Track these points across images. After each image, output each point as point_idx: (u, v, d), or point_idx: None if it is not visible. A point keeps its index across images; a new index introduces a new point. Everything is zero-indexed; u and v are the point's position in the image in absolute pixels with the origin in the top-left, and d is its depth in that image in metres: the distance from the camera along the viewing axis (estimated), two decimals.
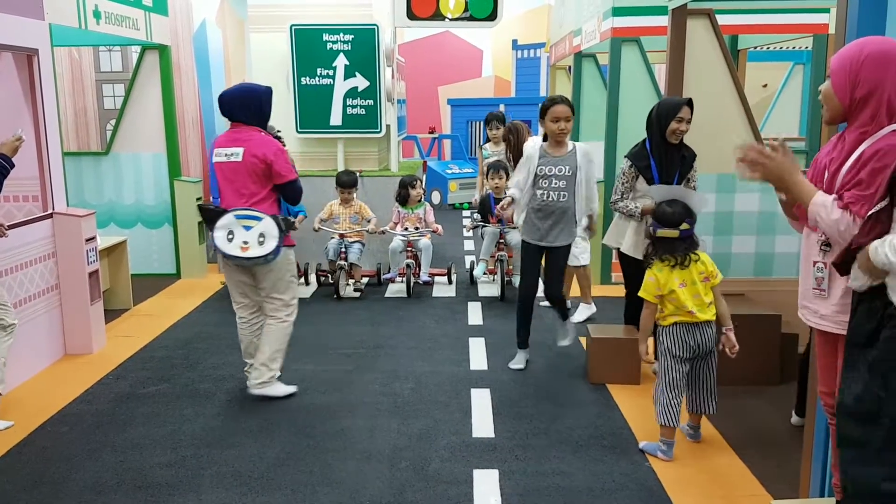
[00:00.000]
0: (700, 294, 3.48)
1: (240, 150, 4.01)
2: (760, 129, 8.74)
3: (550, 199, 4.41)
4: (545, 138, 4.49)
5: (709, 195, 4.85)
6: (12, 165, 4.03)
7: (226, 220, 3.98)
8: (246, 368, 4.38)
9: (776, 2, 6.43)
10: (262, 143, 4.04)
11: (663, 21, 5.13)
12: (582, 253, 5.70)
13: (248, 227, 3.98)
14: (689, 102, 4.18)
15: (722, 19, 6.14)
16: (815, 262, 2.43)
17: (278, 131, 5.49)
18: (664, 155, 4.20)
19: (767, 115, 10.67)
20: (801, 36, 7.41)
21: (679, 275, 3.47)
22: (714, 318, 3.52)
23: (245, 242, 3.96)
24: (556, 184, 4.40)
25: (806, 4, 6.53)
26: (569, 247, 4.59)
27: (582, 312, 5.76)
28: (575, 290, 5.98)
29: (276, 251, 3.99)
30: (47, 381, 4.59)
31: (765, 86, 11.96)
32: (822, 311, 2.45)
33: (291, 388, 4.34)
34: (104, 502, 3.18)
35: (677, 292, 3.45)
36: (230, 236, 3.97)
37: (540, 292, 4.84)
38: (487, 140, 7.54)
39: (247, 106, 4.06)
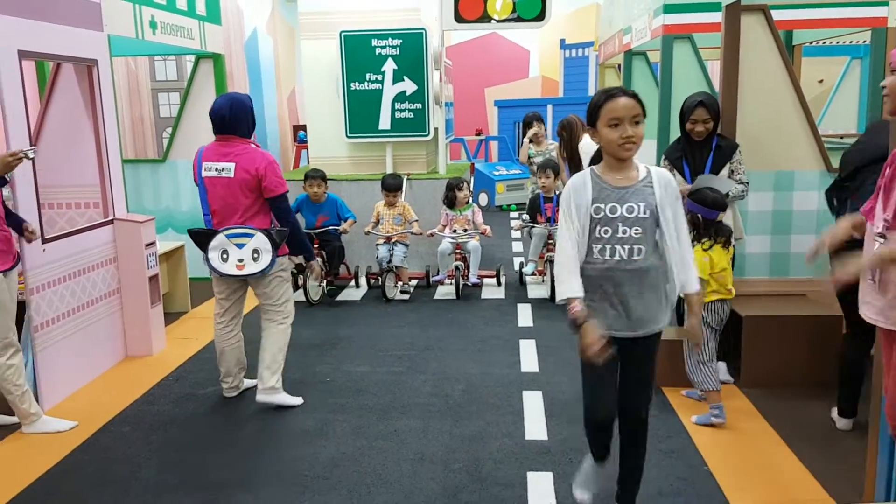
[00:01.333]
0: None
1: (231, 166, 3.99)
2: (817, 125, 8.52)
3: (619, 257, 2.68)
4: (595, 160, 2.82)
5: (765, 193, 4.77)
6: (3, 182, 3.84)
7: (218, 241, 4.02)
8: (220, 377, 4.44)
9: None
10: (253, 157, 4.01)
11: (716, 17, 5.04)
12: None
13: (240, 245, 4.01)
14: (704, 102, 4.22)
15: (776, 14, 6.00)
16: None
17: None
18: (688, 150, 4.37)
19: (824, 111, 10.40)
20: (858, 30, 7.19)
21: (728, 254, 3.90)
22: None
23: (240, 260, 4.01)
24: (624, 232, 2.67)
25: None
26: (659, 336, 2.86)
27: None
28: None
29: (271, 264, 4.03)
30: (109, 383, 4.73)
31: (821, 81, 11.66)
32: (878, 304, 2.39)
33: (298, 400, 4.30)
34: (166, 502, 3.26)
35: (727, 270, 3.87)
36: (224, 256, 4.02)
37: None
38: (530, 141, 7.61)
39: (242, 119, 4.04)
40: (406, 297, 6.60)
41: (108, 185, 5.04)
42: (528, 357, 4.99)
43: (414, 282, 6.85)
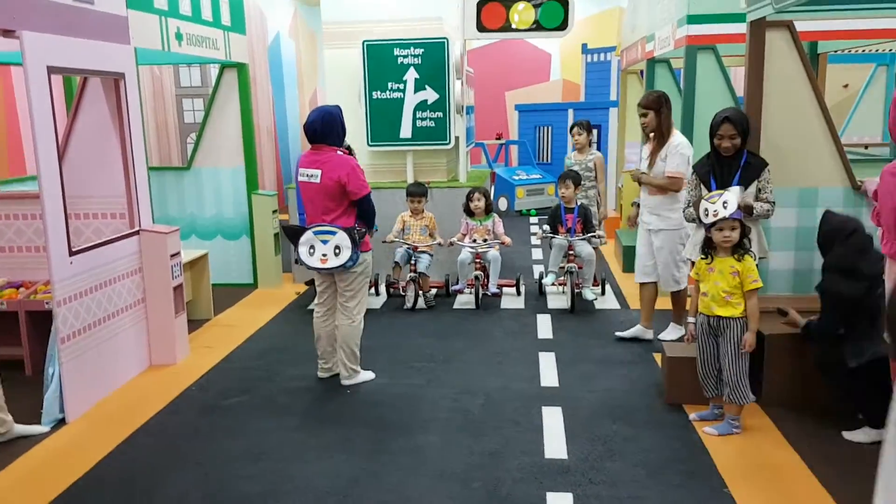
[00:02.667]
0: None
1: (318, 173, 4.52)
2: (842, 132, 8.45)
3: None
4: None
5: (789, 209, 4.74)
6: None
7: (307, 237, 4.54)
8: (317, 359, 4.93)
9: (858, 10, 6.19)
10: (337, 164, 4.51)
11: (740, 28, 5.01)
12: (683, 277, 5.37)
13: (325, 241, 4.51)
14: (730, 118, 4.25)
15: (802, 25, 5.95)
16: None
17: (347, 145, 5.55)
18: (716, 164, 4.41)
19: (849, 118, 10.30)
20: (884, 41, 7.12)
21: None
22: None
23: (324, 255, 4.51)
24: None
25: (890, 7, 6.27)
26: None
27: (672, 332, 5.56)
28: (662, 303, 5.66)
29: (352, 259, 4.49)
30: (134, 392, 4.80)
31: (846, 86, 11.55)
32: None
33: (370, 375, 4.87)
34: None
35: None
36: (311, 250, 4.53)
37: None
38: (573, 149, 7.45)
39: (331, 129, 4.54)
40: (429, 307, 6.62)
41: (135, 196, 5.11)
42: (548, 371, 4.99)
43: (433, 291, 6.87)
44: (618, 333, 5.62)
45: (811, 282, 4.76)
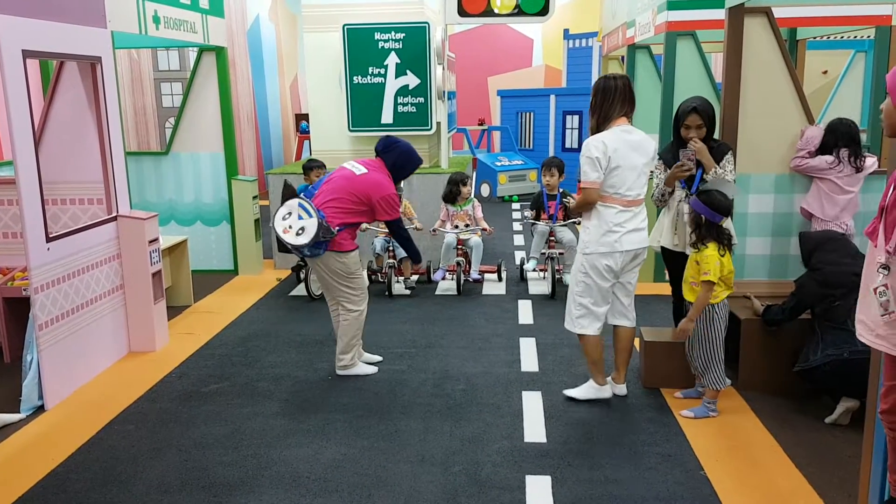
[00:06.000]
0: None
1: (362, 171, 4.53)
2: (820, 119, 8.51)
3: None
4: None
5: (766, 196, 4.79)
6: None
7: (291, 203, 4.45)
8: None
9: None
10: (375, 183, 4.51)
11: (719, 14, 5.03)
12: (579, 321, 4.18)
13: (300, 217, 4.40)
14: (697, 109, 4.25)
15: (781, 12, 6.00)
16: (875, 289, 2.35)
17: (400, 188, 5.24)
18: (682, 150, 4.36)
19: (828, 104, 10.38)
20: (863, 27, 7.18)
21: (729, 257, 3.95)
22: None
23: (289, 227, 4.40)
24: None
25: None
26: None
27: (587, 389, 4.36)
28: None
29: (311, 247, 4.38)
30: (113, 379, 4.78)
31: (825, 72, 11.63)
32: (880, 331, 2.40)
33: (372, 369, 4.78)
34: (170, 502, 3.31)
35: (732, 272, 3.93)
36: (286, 217, 4.42)
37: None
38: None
39: (397, 156, 4.61)
40: (409, 292, 6.63)
41: (112, 181, 5.06)
42: (528, 356, 5.03)
43: (415, 277, 6.88)
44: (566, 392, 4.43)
45: (786, 267, 4.83)
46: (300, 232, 4.36)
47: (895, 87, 2.29)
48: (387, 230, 6.54)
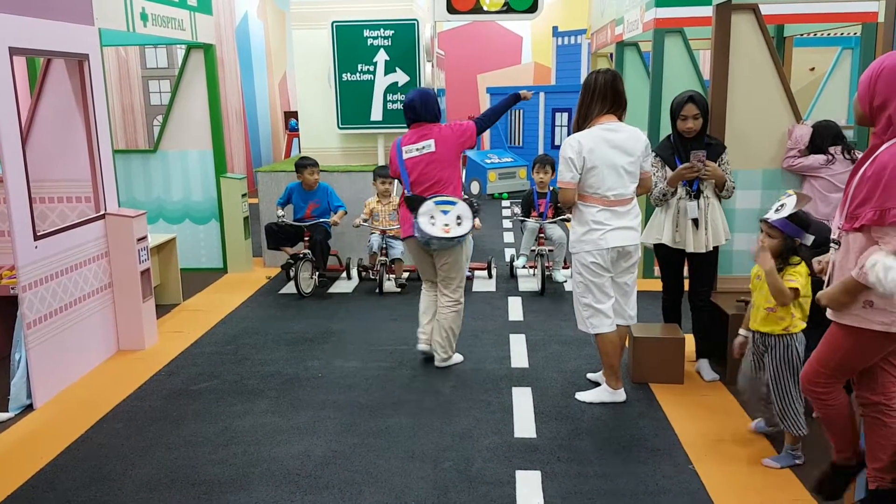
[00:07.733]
0: None
1: (431, 142, 4.53)
2: (807, 115, 8.57)
3: None
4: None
5: (753, 192, 4.82)
6: None
7: (427, 207, 4.45)
8: (419, 330, 4.90)
9: None
10: (448, 131, 4.57)
11: (707, 11, 5.05)
12: (585, 319, 4.22)
13: (445, 212, 4.44)
14: (693, 98, 4.21)
15: (768, 9, 6.03)
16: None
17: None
18: (679, 146, 4.34)
19: (815, 100, 10.44)
20: (850, 24, 7.22)
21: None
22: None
23: (446, 225, 4.42)
24: None
25: None
26: None
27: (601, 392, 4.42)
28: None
29: (471, 230, 4.49)
30: (102, 377, 4.76)
31: (812, 69, 11.70)
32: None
33: (460, 357, 4.89)
34: (159, 499, 3.30)
35: (809, 297, 3.40)
36: (432, 220, 4.42)
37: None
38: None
39: (430, 106, 4.59)
40: (400, 290, 6.63)
41: (100, 179, 5.04)
42: (518, 352, 5.04)
43: (406, 274, 6.88)
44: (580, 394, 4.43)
45: None
46: (459, 221, 4.43)
47: (863, 78, 2.53)
48: (382, 228, 6.58)
